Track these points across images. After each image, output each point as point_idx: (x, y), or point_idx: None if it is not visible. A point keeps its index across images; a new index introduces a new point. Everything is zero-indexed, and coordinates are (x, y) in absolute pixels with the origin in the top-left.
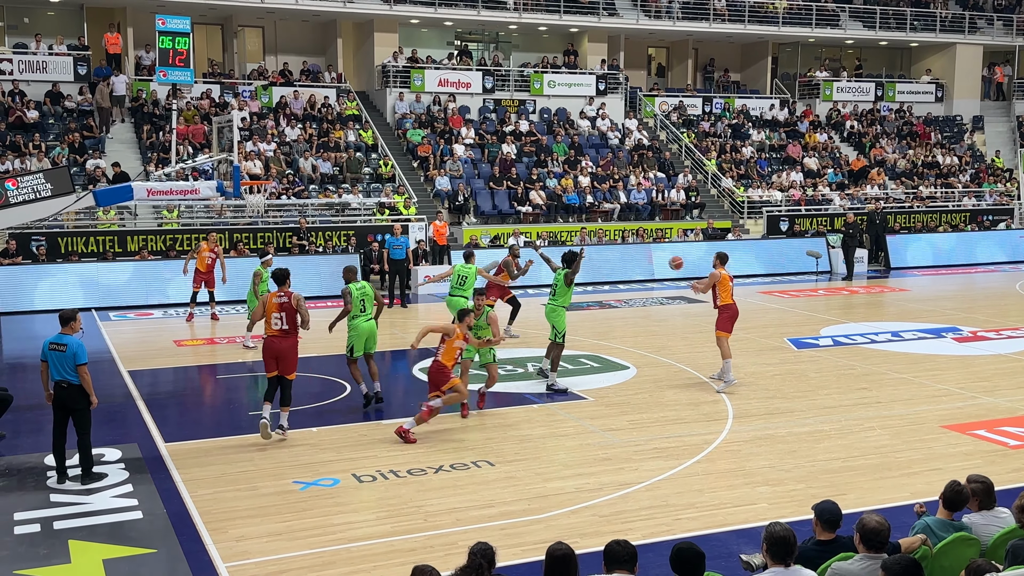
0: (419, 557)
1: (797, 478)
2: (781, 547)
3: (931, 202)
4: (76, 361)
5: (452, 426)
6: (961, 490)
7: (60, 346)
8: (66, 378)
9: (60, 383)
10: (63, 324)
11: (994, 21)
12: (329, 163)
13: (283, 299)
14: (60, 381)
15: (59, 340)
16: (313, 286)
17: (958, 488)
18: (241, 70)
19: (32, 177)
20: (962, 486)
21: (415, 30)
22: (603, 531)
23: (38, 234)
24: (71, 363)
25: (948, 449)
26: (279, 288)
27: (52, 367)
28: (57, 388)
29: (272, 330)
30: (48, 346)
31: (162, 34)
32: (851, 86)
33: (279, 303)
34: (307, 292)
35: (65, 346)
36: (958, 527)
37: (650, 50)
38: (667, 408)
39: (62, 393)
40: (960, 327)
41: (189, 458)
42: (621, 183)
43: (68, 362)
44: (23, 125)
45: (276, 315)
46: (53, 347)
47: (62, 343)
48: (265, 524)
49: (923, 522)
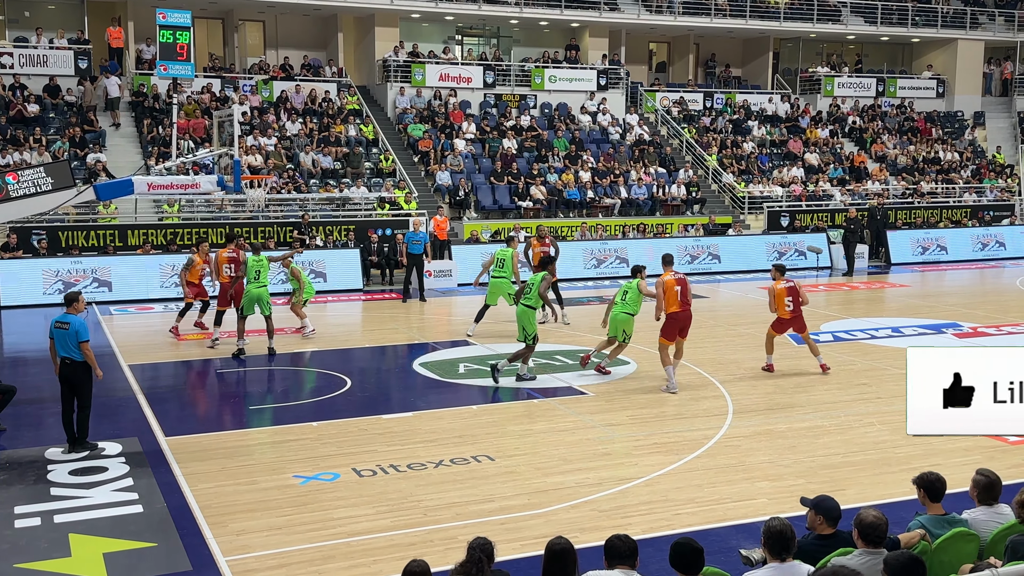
0: (419, 551)
1: (797, 473)
2: (780, 542)
3: (932, 198)
4: (79, 338)
5: (452, 422)
6: (933, 477)
7: (64, 324)
8: (70, 355)
9: (65, 359)
10: (67, 304)
11: (995, 16)
12: (330, 157)
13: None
14: (65, 358)
15: (63, 319)
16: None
17: (930, 477)
18: (242, 64)
19: (33, 171)
20: (932, 473)
21: (416, 24)
22: (603, 526)
23: (39, 228)
24: (74, 340)
25: (948, 444)
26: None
27: (57, 344)
28: (62, 364)
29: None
30: (54, 324)
31: (163, 28)
32: (852, 81)
33: (228, 257)
34: None
35: (68, 324)
36: (952, 521)
37: (651, 45)
38: (667, 403)
39: (66, 369)
40: (960, 323)
41: (189, 452)
42: (622, 178)
43: (71, 339)
44: (23, 119)
45: (227, 266)
46: (58, 325)
47: (65, 322)
48: (265, 518)
49: (917, 521)
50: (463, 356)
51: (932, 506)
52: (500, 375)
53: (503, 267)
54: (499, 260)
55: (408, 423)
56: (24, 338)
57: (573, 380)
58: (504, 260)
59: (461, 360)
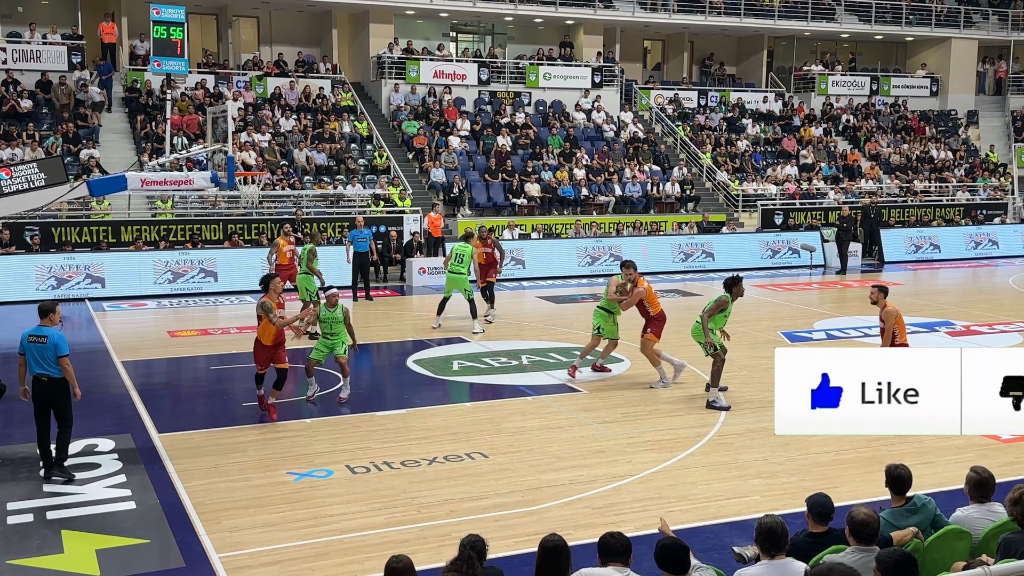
0: (412, 548)
1: (790, 471)
2: (772, 539)
3: (925, 197)
4: (58, 353)
5: (446, 419)
6: (897, 472)
7: (40, 338)
8: (46, 371)
9: (40, 376)
10: (42, 316)
11: (989, 15)
12: (324, 154)
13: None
14: (40, 374)
15: (39, 332)
16: None
17: (895, 471)
18: (236, 60)
19: (26, 167)
20: (899, 467)
21: (410, 21)
22: (596, 523)
23: (32, 224)
24: (52, 355)
25: (940, 442)
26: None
27: (31, 360)
28: (36, 382)
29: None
30: (27, 338)
31: (156, 24)
32: (846, 80)
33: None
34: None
35: (46, 338)
36: (912, 510)
37: (646, 43)
38: (661, 401)
39: (42, 387)
40: (953, 321)
41: (182, 449)
42: (616, 176)
43: (49, 354)
44: (16, 114)
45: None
46: (33, 339)
47: (42, 335)
48: (258, 515)
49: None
50: (457, 353)
51: (895, 498)
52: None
53: (461, 262)
54: (457, 255)
55: (402, 420)
56: (16, 335)
57: (567, 377)
58: (463, 255)
59: (455, 357)
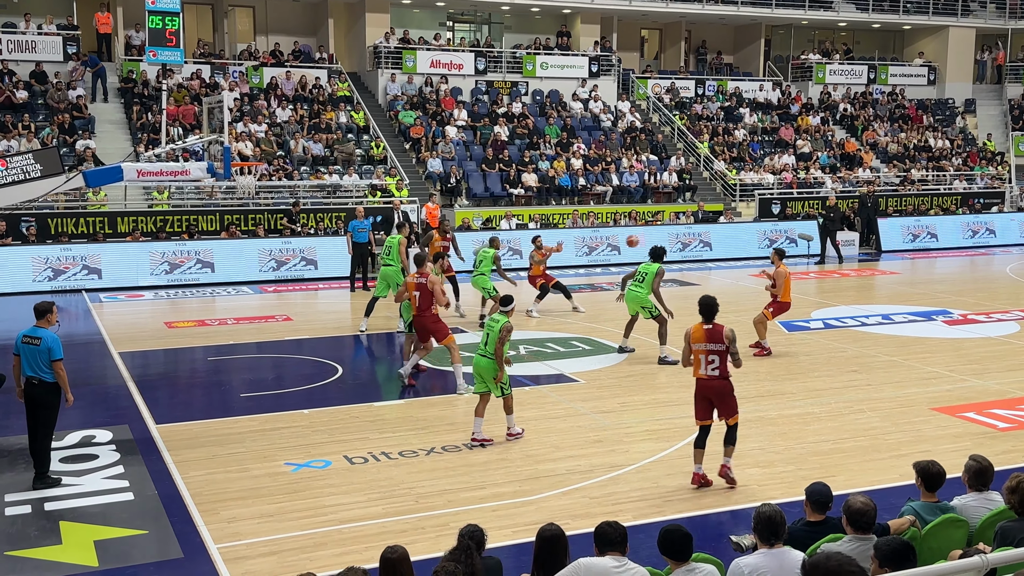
0: (410, 538)
1: (787, 460)
2: (770, 528)
3: (922, 185)
4: (51, 356)
5: (443, 410)
6: (934, 470)
7: (34, 340)
8: (38, 375)
9: (31, 380)
10: (38, 317)
11: (987, 4)
12: (320, 144)
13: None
14: (31, 378)
15: (33, 333)
16: (306, 269)
17: (930, 467)
18: (231, 50)
19: (21, 158)
20: (933, 463)
21: (407, 11)
22: (594, 513)
23: (28, 215)
24: (45, 358)
25: (937, 431)
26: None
27: (24, 362)
28: (28, 385)
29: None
30: (22, 339)
31: (152, 14)
32: (844, 69)
33: (416, 283)
34: (299, 274)
35: (40, 340)
36: (943, 508)
37: (643, 32)
38: (658, 390)
39: (33, 390)
40: (950, 310)
41: (180, 440)
42: (613, 165)
43: (42, 357)
44: (12, 105)
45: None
46: (27, 340)
47: (36, 336)
48: (256, 505)
49: (910, 507)
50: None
51: (927, 494)
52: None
53: (390, 254)
54: (387, 248)
55: (400, 410)
56: (13, 326)
57: (564, 367)
58: (391, 248)
59: None
